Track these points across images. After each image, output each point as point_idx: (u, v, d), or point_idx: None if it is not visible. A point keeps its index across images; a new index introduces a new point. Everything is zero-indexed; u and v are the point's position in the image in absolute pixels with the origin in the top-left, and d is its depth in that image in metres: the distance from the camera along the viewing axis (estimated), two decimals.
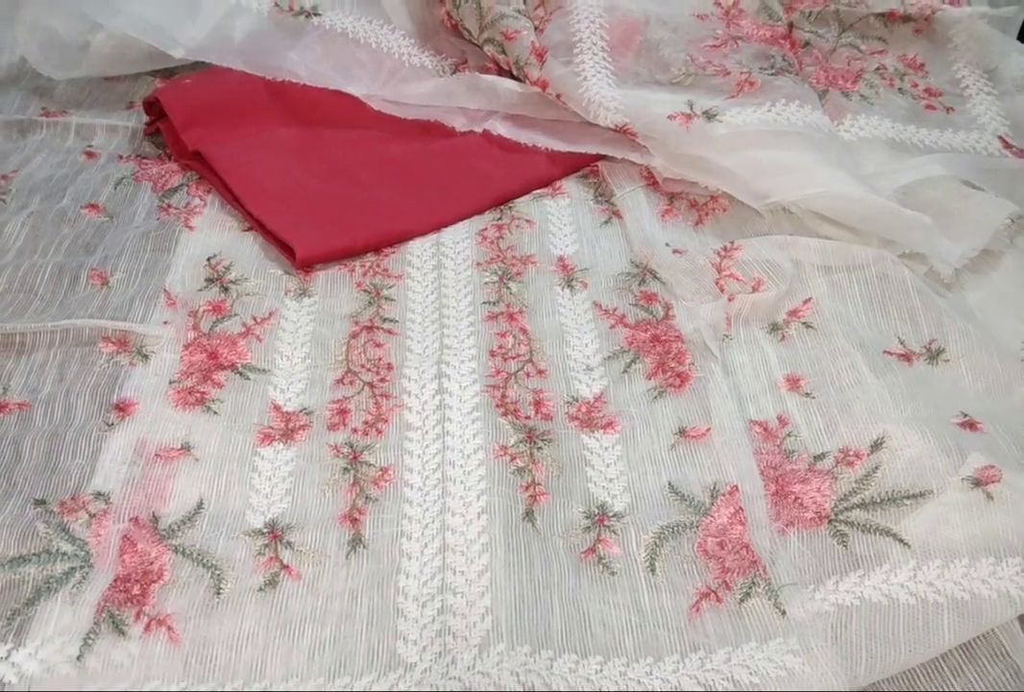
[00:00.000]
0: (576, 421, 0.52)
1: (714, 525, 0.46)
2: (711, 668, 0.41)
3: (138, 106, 0.72)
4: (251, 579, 0.43)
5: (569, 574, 0.44)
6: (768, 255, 0.58)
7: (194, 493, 0.47)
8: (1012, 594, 0.42)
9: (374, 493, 0.47)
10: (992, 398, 0.52)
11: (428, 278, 0.60)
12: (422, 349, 0.55)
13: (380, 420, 0.51)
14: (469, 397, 0.52)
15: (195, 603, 0.42)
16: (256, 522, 0.46)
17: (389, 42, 0.72)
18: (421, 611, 0.42)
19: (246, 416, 0.51)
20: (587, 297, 0.58)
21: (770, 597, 0.43)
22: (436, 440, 0.50)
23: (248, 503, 0.47)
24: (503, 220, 0.63)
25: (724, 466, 0.49)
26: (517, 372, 0.54)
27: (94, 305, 0.56)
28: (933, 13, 0.72)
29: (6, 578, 0.42)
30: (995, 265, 0.61)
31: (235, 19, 0.71)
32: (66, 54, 0.72)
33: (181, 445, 0.49)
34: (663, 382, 0.53)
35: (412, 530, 0.46)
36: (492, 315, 0.57)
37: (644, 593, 0.44)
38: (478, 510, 0.46)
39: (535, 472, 0.48)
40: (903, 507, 0.46)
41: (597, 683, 0.40)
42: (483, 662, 0.40)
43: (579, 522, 0.47)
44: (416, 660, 0.41)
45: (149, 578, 0.43)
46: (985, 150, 0.66)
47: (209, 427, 0.50)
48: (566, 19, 0.67)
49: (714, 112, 0.62)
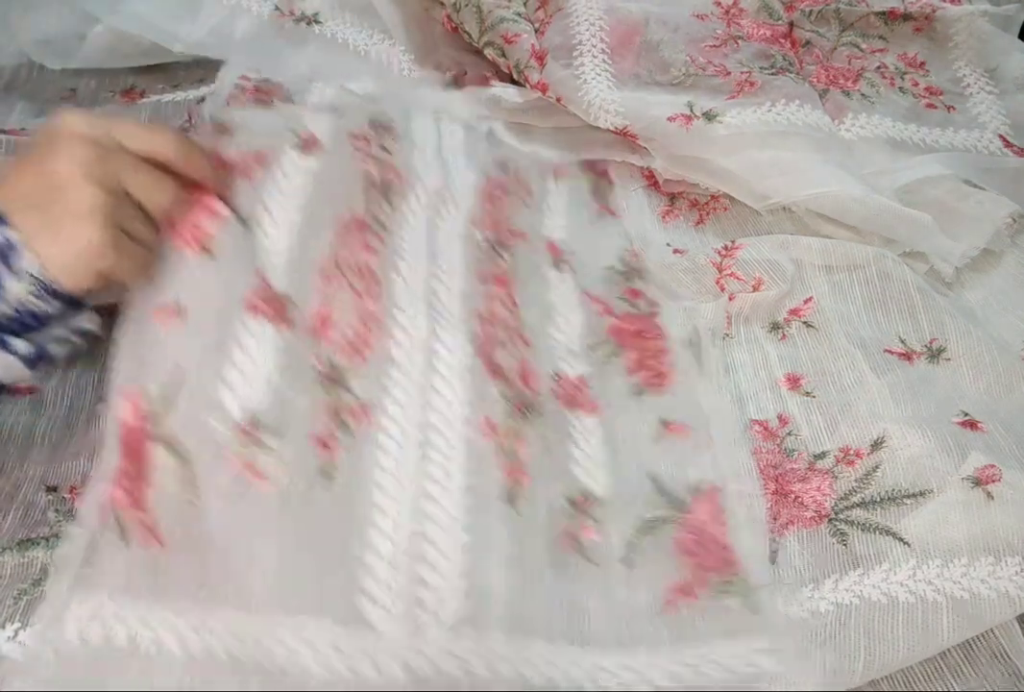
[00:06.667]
0: (560, 399, 0.50)
1: (693, 522, 0.46)
2: (682, 662, 0.41)
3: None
4: (222, 480, 0.41)
5: (547, 560, 0.44)
6: (769, 254, 0.58)
7: (177, 360, 0.44)
8: (1012, 594, 0.42)
9: (352, 425, 0.45)
10: (993, 397, 0.52)
11: (425, 202, 0.57)
12: (412, 278, 0.52)
13: (365, 344, 0.48)
14: (459, 350, 0.49)
15: (170, 506, 0.40)
16: (233, 410, 0.43)
17: (390, 56, 0.72)
18: (394, 576, 0.41)
19: (242, 267, 0.47)
20: (574, 280, 0.58)
21: (745, 596, 0.43)
22: (422, 393, 0.47)
23: (227, 380, 0.44)
24: (507, 175, 0.62)
25: (705, 464, 0.48)
26: (505, 341, 0.52)
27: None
28: (934, 11, 0.72)
29: (15, 561, 0.43)
30: (996, 264, 0.61)
31: (235, 20, 0.71)
32: (62, 43, 0.71)
33: (173, 302, 0.45)
34: (644, 379, 0.53)
35: (386, 483, 0.43)
36: (482, 275, 0.54)
37: (619, 584, 0.44)
38: (460, 486, 0.44)
39: (519, 452, 0.46)
40: (903, 506, 0.46)
41: (568, 670, 0.40)
42: (454, 643, 0.39)
43: (560, 506, 0.46)
44: (381, 626, 0.39)
45: (142, 481, 0.41)
46: (986, 149, 0.66)
47: (204, 277, 0.46)
48: (566, 21, 0.67)
49: (714, 113, 0.62)
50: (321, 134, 0.58)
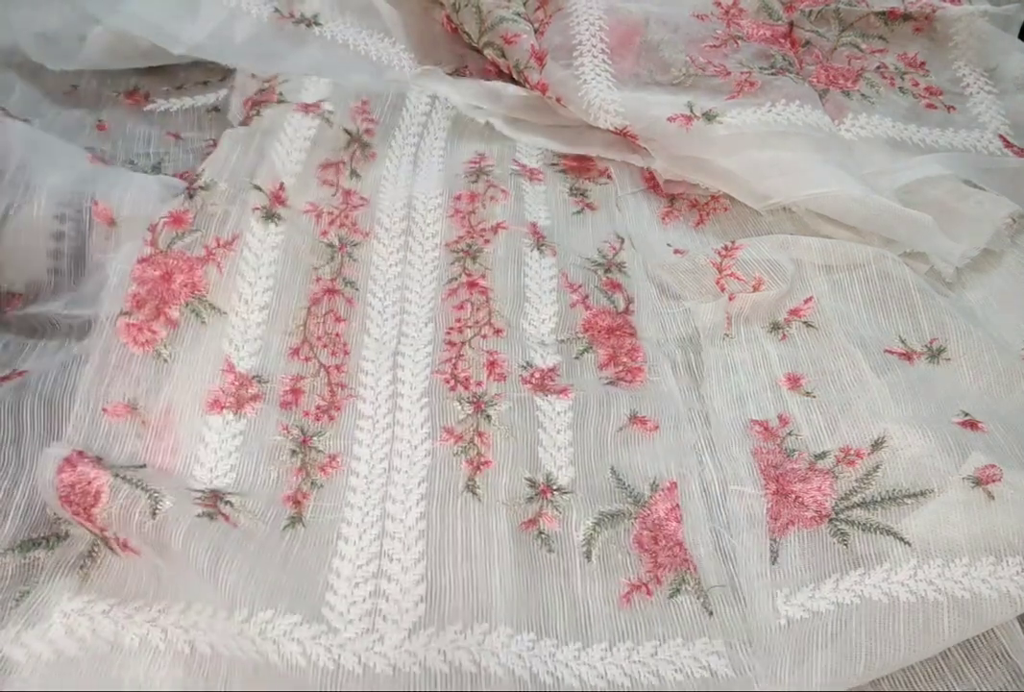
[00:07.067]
0: (529, 385, 0.52)
1: (651, 519, 0.46)
2: (637, 660, 0.42)
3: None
4: (189, 509, 0.43)
5: (508, 547, 0.44)
6: (769, 254, 0.58)
7: (136, 456, 0.46)
8: (1012, 593, 0.42)
9: (320, 479, 0.48)
10: (993, 397, 0.52)
11: (395, 244, 0.59)
12: (380, 334, 0.54)
13: (333, 407, 0.51)
14: (420, 382, 0.52)
15: (130, 524, 0.41)
16: (198, 488, 0.46)
17: (390, 55, 0.72)
18: (352, 590, 0.42)
19: (199, 372, 0.50)
20: (555, 264, 0.58)
21: (699, 596, 0.44)
22: (386, 429, 0.50)
23: (192, 474, 0.46)
24: (478, 187, 0.62)
25: (666, 461, 0.49)
26: (472, 338, 0.54)
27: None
28: (934, 11, 0.72)
29: (16, 562, 0.43)
30: (996, 264, 0.61)
31: (235, 22, 0.71)
32: (62, 44, 0.71)
33: (128, 401, 0.48)
34: (614, 374, 0.53)
35: (352, 517, 0.46)
36: (452, 290, 0.56)
37: (578, 577, 0.44)
38: (417, 497, 0.46)
39: (480, 445, 0.48)
40: (904, 506, 0.46)
41: (527, 660, 0.41)
42: (411, 642, 0.40)
43: (523, 491, 0.47)
44: (341, 627, 0.41)
45: (87, 501, 0.42)
46: (986, 149, 0.66)
47: (158, 380, 0.49)
48: (566, 21, 0.67)
49: (714, 113, 0.62)
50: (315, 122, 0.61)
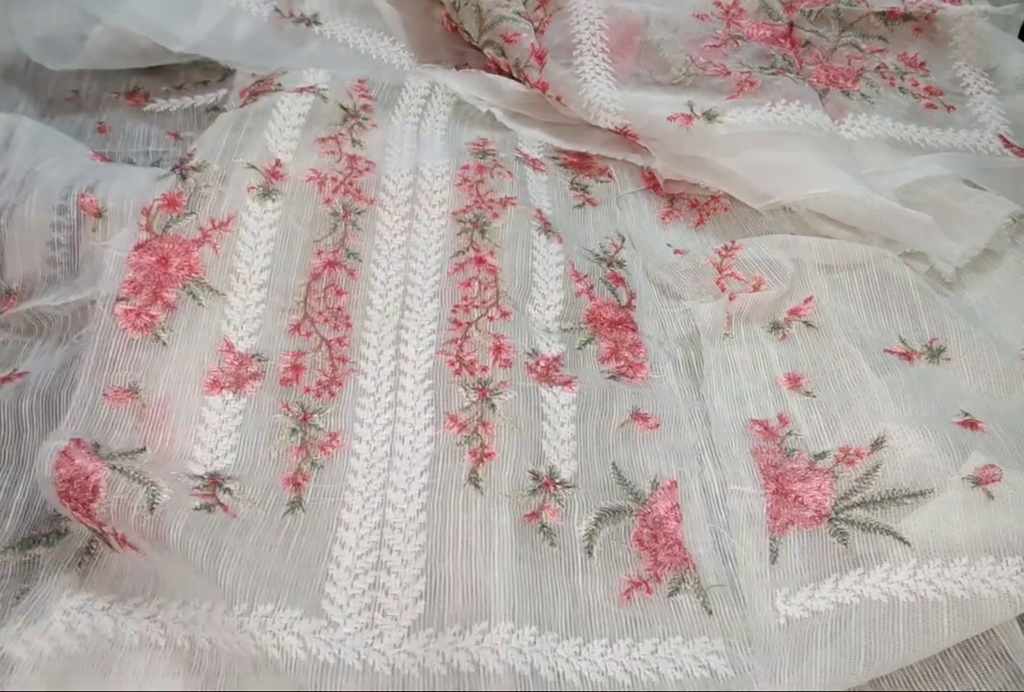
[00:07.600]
0: (535, 374, 0.51)
1: (651, 517, 0.46)
2: (638, 657, 0.41)
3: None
4: (187, 501, 0.43)
5: (509, 540, 0.44)
6: (769, 254, 0.58)
7: (136, 439, 0.46)
8: (1012, 593, 0.42)
9: (320, 459, 0.47)
10: (993, 397, 0.52)
11: (401, 211, 0.58)
12: (383, 305, 0.54)
13: (334, 383, 0.50)
14: (423, 362, 0.51)
15: (128, 519, 0.41)
16: (197, 471, 0.45)
17: (390, 54, 0.72)
18: (352, 582, 0.42)
19: (197, 353, 0.49)
20: (561, 250, 0.58)
21: (698, 595, 0.44)
22: (388, 409, 0.49)
23: (192, 456, 0.46)
24: (486, 162, 0.62)
25: (667, 459, 0.49)
26: (479, 319, 0.53)
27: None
28: (934, 11, 0.72)
29: (16, 559, 0.43)
30: (996, 264, 0.61)
31: (235, 21, 0.71)
32: (62, 44, 0.71)
33: (128, 386, 0.48)
34: (616, 369, 0.53)
35: (353, 502, 0.45)
36: (458, 265, 0.55)
37: (579, 572, 0.44)
38: (419, 487, 0.46)
39: (483, 436, 0.48)
40: (903, 506, 0.46)
41: (528, 655, 0.40)
42: (410, 643, 0.40)
43: (527, 483, 0.47)
44: (341, 622, 0.41)
45: (86, 496, 0.42)
46: (986, 149, 0.66)
47: (157, 364, 0.49)
48: (566, 21, 0.67)
49: (714, 113, 0.62)
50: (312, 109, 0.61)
